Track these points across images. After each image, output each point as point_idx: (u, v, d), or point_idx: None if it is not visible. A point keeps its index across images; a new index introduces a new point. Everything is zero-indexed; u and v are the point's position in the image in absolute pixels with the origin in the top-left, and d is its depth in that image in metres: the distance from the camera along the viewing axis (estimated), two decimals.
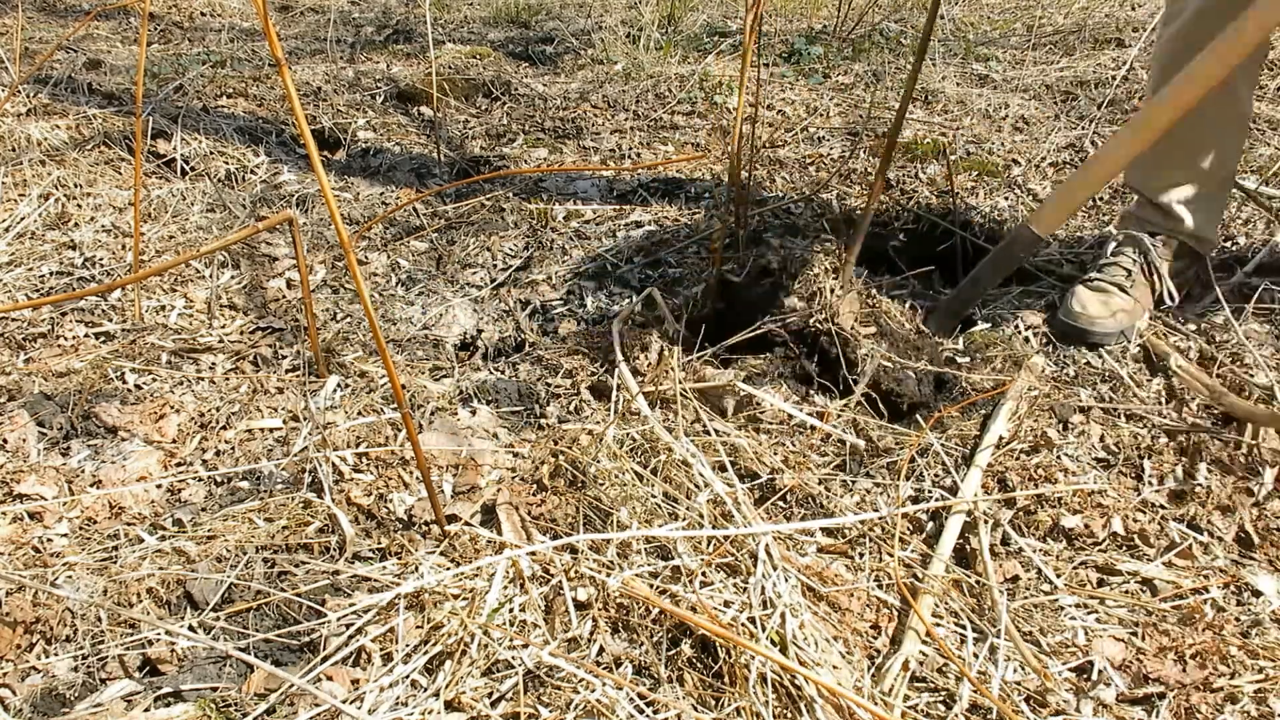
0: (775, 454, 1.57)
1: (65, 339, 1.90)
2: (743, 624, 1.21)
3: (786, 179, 2.76)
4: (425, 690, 1.14)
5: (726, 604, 1.24)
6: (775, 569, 1.29)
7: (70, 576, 1.32)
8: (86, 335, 1.92)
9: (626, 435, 1.54)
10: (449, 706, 1.12)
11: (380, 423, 1.64)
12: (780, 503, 1.50)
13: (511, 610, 1.23)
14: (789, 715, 1.11)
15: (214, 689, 1.17)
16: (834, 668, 1.18)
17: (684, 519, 1.38)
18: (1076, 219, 2.43)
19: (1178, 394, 1.75)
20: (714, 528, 1.36)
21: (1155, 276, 1.92)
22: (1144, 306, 1.91)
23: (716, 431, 1.60)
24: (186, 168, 2.60)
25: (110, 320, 1.97)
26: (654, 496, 1.41)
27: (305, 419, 1.66)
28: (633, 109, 3.32)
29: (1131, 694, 1.24)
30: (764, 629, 1.20)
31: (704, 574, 1.28)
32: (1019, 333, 1.91)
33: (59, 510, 1.45)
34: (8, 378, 1.75)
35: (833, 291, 1.76)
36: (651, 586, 1.26)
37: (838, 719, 1.11)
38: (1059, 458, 1.61)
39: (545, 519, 1.40)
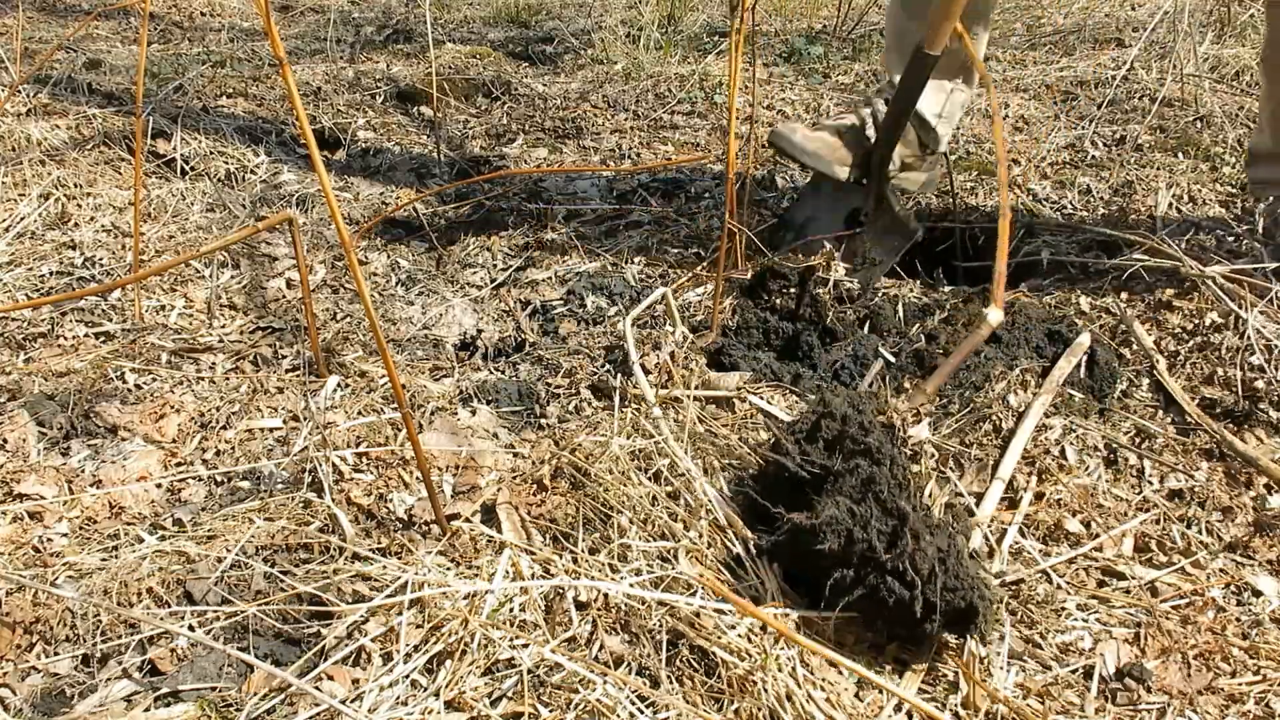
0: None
1: (65, 339, 1.90)
2: (743, 634, 1.21)
3: (787, 179, 2.76)
4: (425, 690, 1.14)
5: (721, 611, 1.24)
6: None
7: (70, 576, 1.32)
8: (86, 335, 1.92)
9: (632, 443, 1.54)
10: (449, 706, 1.12)
11: (380, 423, 1.64)
12: None
13: (511, 610, 1.22)
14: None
15: (214, 689, 1.17)
16: (831, 682, 1.18)
17: (683, 538, 1.38)
18: (1074, 205, 2.43)
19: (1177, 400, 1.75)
20: (709, 545, 1.36)
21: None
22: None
23: (719, 434, 1.60)
24: (186, 168, 2.60)
25: (110, 320, 1.97)
26: (657, 500, 1.41)
27: (305, 419, 1.66)
28: (633, 109, 3.32)
29: (1133, 694, 1.24)
30: (765, 630, 1.20)
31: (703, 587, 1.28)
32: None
33: (59, 510, 1.45)
34: (8, 378, 1.75)
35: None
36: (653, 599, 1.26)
37: None
38: (1061, 458, 1.61)
39: (545, 519, 1.40)
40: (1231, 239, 2.19)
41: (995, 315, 1.71)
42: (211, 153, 2.67)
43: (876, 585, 1.20)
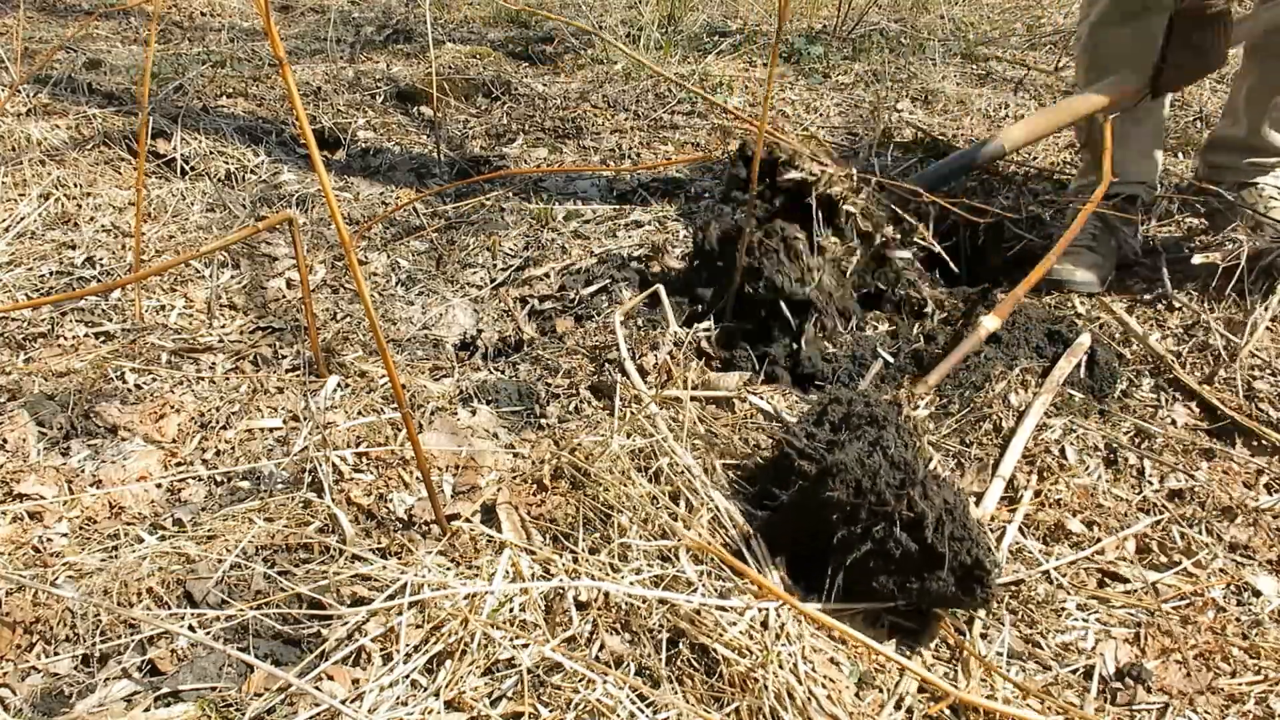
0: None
1: (65, 339, 1.90)
2: (744, 631, 1.21)
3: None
4: (425, 690, 1.14)
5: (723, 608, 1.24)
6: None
7: (70, 576, 1.32)
8: (86, 335, 1.92)
9: (632, 443, 1.54)
10: (449, 706, 1.12)
11: (380, 423, 1.64)
12: None
13: (511, 610, 1.22)
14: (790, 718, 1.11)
15: (214, 689, 1.17)
16: (832, 680, 1.18)
17: (684, 537, 1.38)
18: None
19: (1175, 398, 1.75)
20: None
21: (1116, 234, 2.20)
22: (1112, 262, 2.17)
23: (719, 434, 1.60)
24: (186, 168, 2.60)
25: (110, 320, 1.97)
26: (657, 499, 1.41)
27: (305, 419, 1.66)
28: (633, 109, 3.32)
29: (1133, 694, 1.24)
30: (766, 627, 1.20)
31: (704, 585, 1.28)
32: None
33: (59, 510, 1.45)
34: (8, 378, 1.75)
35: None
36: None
37: None
38: (1061, 457, 1.61)
39: (545, 519, 1.40)
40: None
41: (991, 321, 1.73)
42: (211, 153, 2.67)
43: (884, 538, 1.20)
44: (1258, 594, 1.39)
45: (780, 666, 1.15)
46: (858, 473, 1.24)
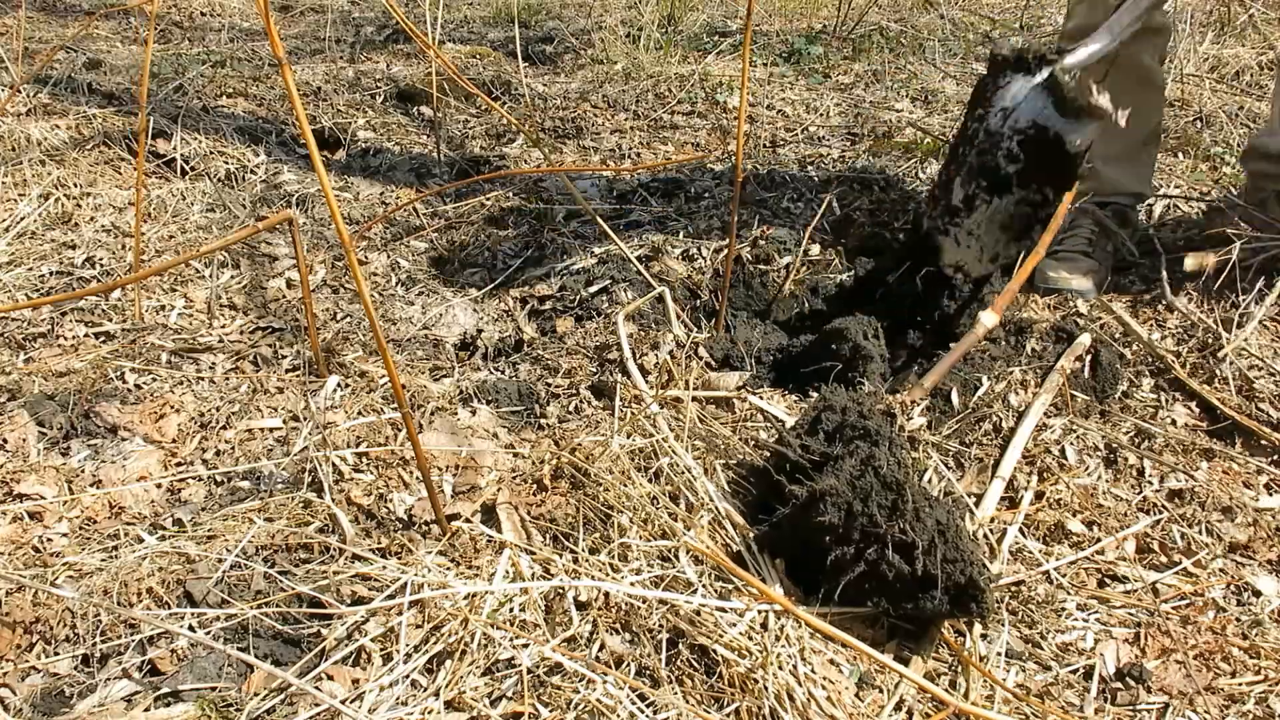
0: None
1: (65, 339, 1.90)
2: (744, 632, 1.21)
3: (787, 179, 2.76)
4: (425, 690, 1.14)
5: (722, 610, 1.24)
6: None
7: (70, 576, 1.32)
8: (86, 335, 1.92)
9: (632, 443, 1.53)
10: (449, 706, 1.12)
11: (380, 423, 1.64)
12: None
13: (511, 610, 1.22)
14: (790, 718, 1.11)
15: (214, 689, 1.17)
16: (831, 681, 1.18)
17: (684, 538, 1.38)
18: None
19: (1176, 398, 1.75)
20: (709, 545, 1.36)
21: (1112, 239, 2.20)
22: (1109, 267, 2.16)
23: (719, 434, 1.60)
24: (186, 168, 2.60)
25: (110, 320, 1.97)
26: (657, 499, 1.41)
27: (305, 419, 1.66)
28: (633, 109, 3.32)
29: (1133, 694, 1.24)
30: (766, 628, 1.20)
31: (704, 586, 1.28)
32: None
33: (59, 510, 1.45)
34: (8, 378, 1.75)
35: None
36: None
37: None
38: (1061, 457, 1.61)
39: (545, 519, 1.40)
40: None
41: (990, 318, 1.72)
42: (211, 153, 2.67)
43: (877, 560, 1.20)
44: (1258, 594, 1.39)
45: (780, 667, 1.15)
46: (849, 495, 1.24)
